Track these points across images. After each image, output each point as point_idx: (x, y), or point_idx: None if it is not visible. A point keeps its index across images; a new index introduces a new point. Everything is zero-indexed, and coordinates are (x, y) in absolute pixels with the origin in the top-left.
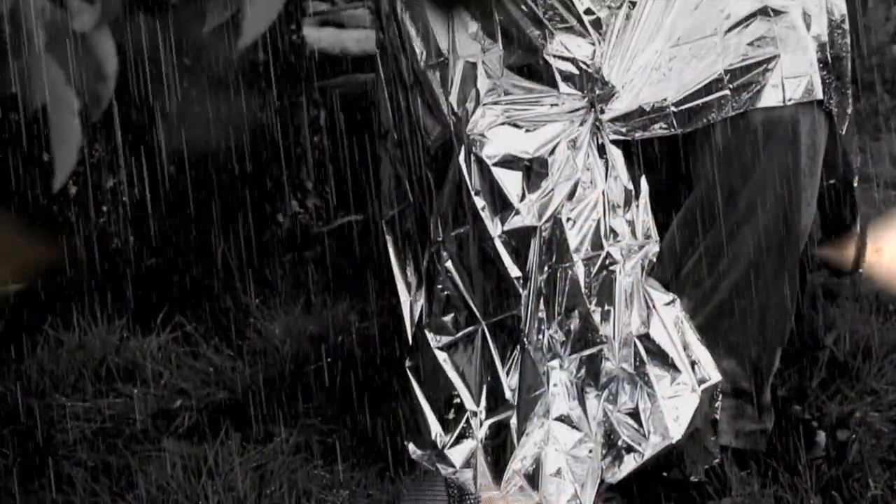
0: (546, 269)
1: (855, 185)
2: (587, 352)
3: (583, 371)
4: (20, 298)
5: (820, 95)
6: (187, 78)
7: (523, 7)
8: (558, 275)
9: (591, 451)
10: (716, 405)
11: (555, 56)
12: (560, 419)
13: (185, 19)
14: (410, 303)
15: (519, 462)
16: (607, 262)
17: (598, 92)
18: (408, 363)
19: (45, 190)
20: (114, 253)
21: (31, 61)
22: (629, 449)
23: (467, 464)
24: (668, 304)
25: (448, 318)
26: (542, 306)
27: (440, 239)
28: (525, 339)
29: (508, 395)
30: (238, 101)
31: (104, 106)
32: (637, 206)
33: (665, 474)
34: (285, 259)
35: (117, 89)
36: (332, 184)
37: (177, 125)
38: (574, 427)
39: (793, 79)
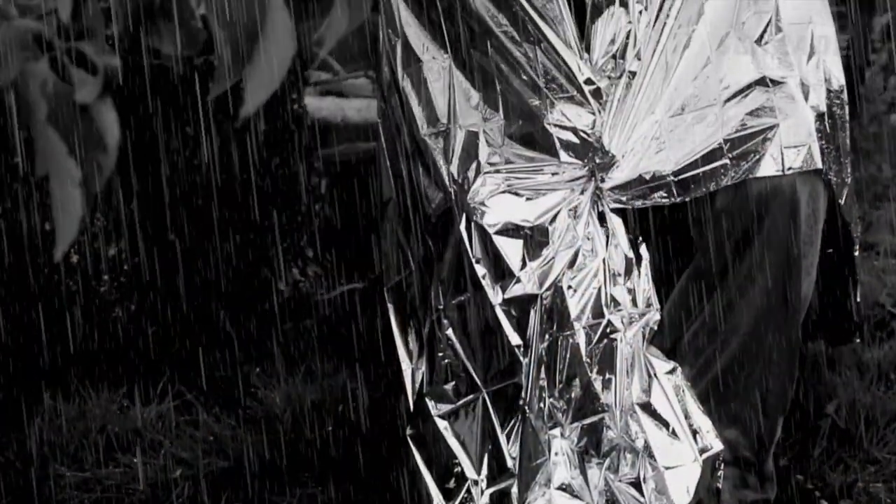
0: (547, 337)
1: (855, 253)
2: (588, 420)
3: (584, 440)
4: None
5: (819, 165)
6: (189, 147)
7: (524, 77)
8: (559, 343)
9: None
10: (718, 474)
11: (555, 125)
12: (561, 488)
13: (187, 87)
14: (412, 370)
15: None
16: (608, 330)
17: (598, 161)
18: (409, 431)
19: (47, 259)
20: (114, 321)
21: (33, 133)
22: None
23: None
24: (669, 372)
25: (449, 386)
26: (542, 374)
27: (441, 307)
28: (526, 408)
29: (510, 463)
30: (239, 169)
31: (106, 176)
32: (638, 275)
33: None
34: (286, 327)
35: (119, 158)
36: (333, 252)
37: (178, 193)
38: (575, 496)
39: (792, 148)
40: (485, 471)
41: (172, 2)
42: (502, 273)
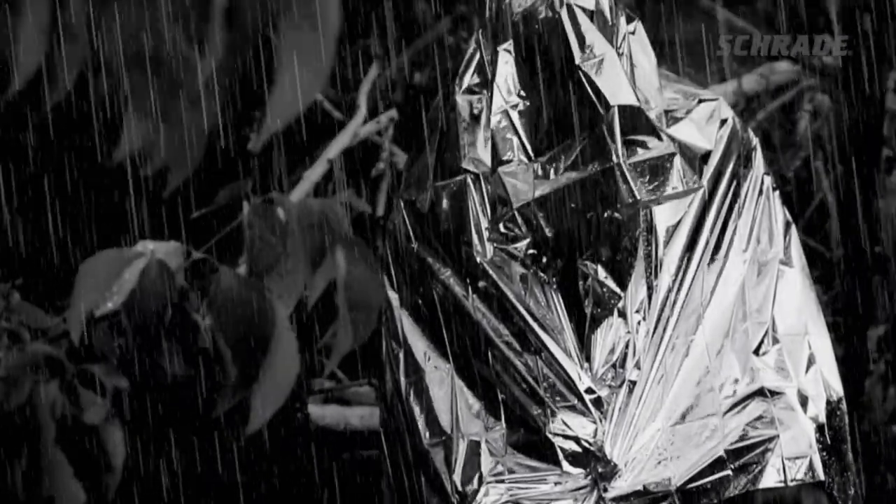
0: None
1: None
2: None
3: None
4: None
5: (821, 476)
6: (193, 459)
7: (524, 386)
8: None
9: None
10: None
11: (557, 434)
12: None
13: (193, 403)
14: None
15: None
16: None
17: (600, 470)
18: None
19: None
20: None
21: (41, 454)
22: None
23: None
24: None
25: None
26: None
27: None
28: None
29: None
30: (243, 476)
31: (111, 496)
32: None
33: None
34: None
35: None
36: None
37: (182, 486)
38: None
39: (793, 460)
40: None
41: (178, 320)
42: None
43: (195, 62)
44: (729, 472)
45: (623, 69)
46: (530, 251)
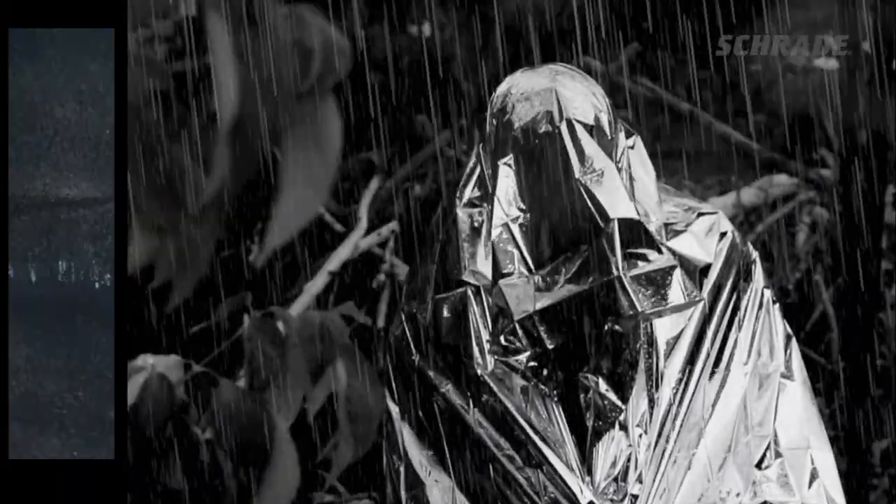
0: None
1: None
2: None
3: None
4: None
5: None
6: None
7: (526, 500)
8: None
9: None
10: None
11: None
12: None
13: None
14: None
15: None
16: None
17: None
18: None
19: None
20: None
21: None
22: None
23: None
24: None
25: None
26: None
27: None
28: None
29: None
30: None
31: None
32: None
33: None
34: None
35: None
36: None
37: None
38: None
39: None
40: None
41: (178, 433)
42: None
43: (201, 179)
44: None
45: (623, 183)
46: (531, 363)
